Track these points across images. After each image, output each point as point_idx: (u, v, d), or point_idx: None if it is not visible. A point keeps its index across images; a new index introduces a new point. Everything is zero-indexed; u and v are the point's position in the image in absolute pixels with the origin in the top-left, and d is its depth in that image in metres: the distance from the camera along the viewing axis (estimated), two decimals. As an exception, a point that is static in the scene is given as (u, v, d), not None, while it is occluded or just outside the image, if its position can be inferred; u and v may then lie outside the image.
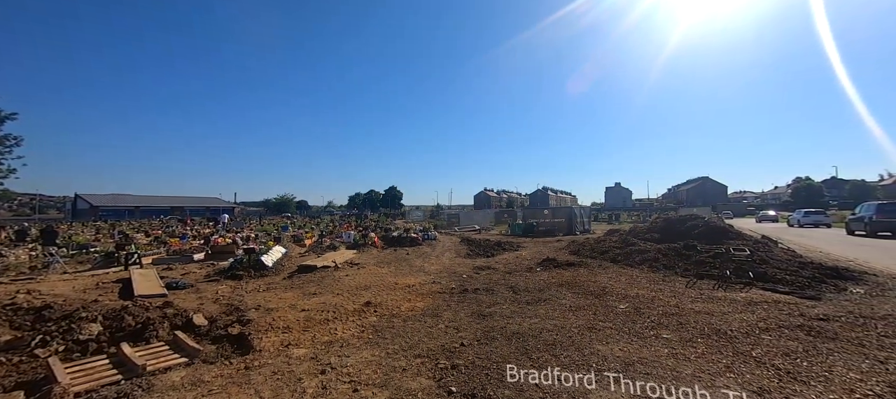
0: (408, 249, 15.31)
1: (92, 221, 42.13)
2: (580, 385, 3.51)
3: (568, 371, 3.77)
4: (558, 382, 3.56)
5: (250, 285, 8.92)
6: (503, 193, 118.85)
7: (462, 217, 39.24)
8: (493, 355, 4.29)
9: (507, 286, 8.03)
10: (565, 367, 3.89)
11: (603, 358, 4.08)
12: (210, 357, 4.68)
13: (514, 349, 4.45)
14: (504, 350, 4.45)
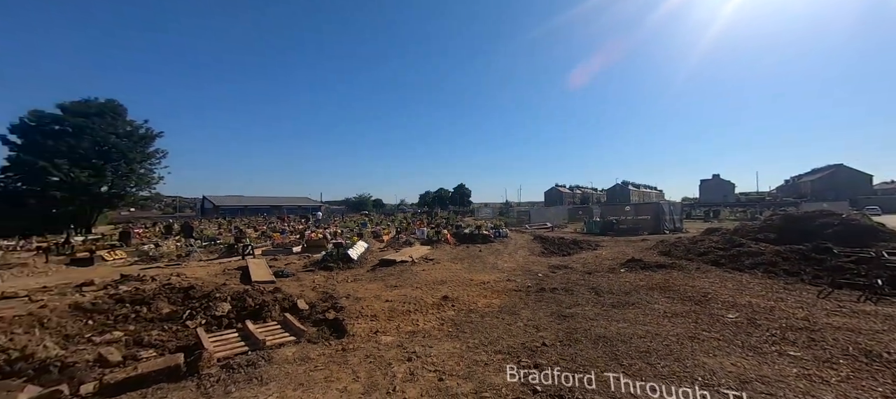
0: (480, 246, 15.39)
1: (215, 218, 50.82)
2: (685, 398, 3.18)
3: (668, 383, 3.44)
4: (658, 393, 3.27)
5: (340, 276, 9.86)
6: (576, 189, 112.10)
7: (533, 214, 38.07)
8: (578, 357, 4.12)
9: (588, 287, 7.59)
10: (664, 377, 3.55)
11: (711, 372, 3.63)
12: (313, 337, 5.30)
13: (602, 353, 4.20)
14: (590, 353, 4.23)
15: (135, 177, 34.60)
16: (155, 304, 6.84)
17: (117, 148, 32.68)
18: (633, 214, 23.82)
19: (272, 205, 70.49)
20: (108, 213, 39.07)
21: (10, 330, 5.22)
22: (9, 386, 3.77)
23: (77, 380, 3.96)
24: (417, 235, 18.15)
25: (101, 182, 31.79)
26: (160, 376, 3.95)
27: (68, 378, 3.98)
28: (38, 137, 30.30)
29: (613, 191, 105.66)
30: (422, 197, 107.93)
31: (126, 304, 6.78)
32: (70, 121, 31.09)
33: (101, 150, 31.95)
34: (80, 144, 30.57)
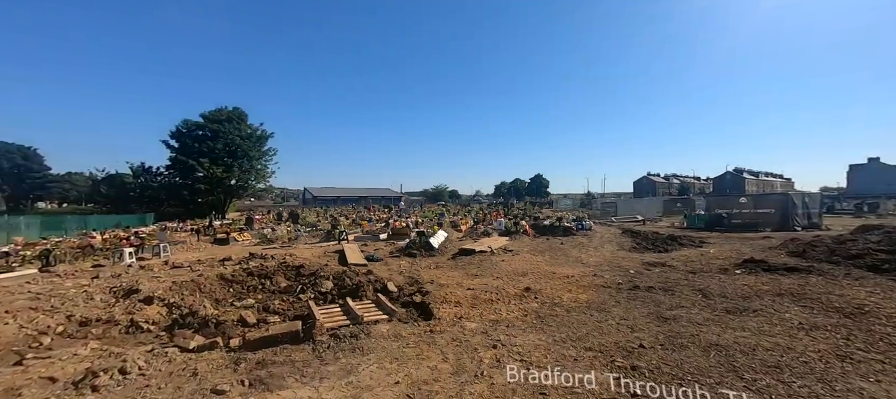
0: (561, 239, 14.72)
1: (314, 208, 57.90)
2: (832, 427, 2.64)
3: (807, 405, 2.89)
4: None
5: (423, 263, 10.40)
6: (673, 178, 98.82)
7: (620, 206, 34.88)
8: (684, 364, 3.70)
9: (693, 288, 6.73)
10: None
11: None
12: (403, 318, 5.70)
13: (715, 363, 3.71)
14: (700, 362, 3.76)
15: (254, 172, 41.16)
16: (275, 278, 8.10)
17: (242, 148, 39.19)
18: (751, 207, 20.18)
19: (359, 195, 77.15)
20: (236, 202, 47.16)
21: (182, 292, 6.71)
22: (184, 334, 4.87)
23: (227, 335, 4.92)
24: (495, 226, 18.11)
25: (231, 176, 38.54)
26: (285, 338, 4.69)
27: (221, 333, 4.98)
28: (187, 141, 37.98)
29: (722, 180, 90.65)
30: (497, 187, 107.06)
31: (255, 277, 8.15)
32: (209, 127, 38.20)
33: (229, 150, 38.65)
34: (215, 146, 37.44)
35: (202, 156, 36.54)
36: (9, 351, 4.69)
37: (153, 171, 40.11)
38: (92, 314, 5.77)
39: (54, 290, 7.14)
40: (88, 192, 48.64)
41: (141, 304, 6.15)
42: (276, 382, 3.65)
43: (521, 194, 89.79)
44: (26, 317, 5.58)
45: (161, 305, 6.10)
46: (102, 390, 3.52)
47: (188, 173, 37.28)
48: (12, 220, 20.53)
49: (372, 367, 3.99)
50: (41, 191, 56.34)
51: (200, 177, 36.86)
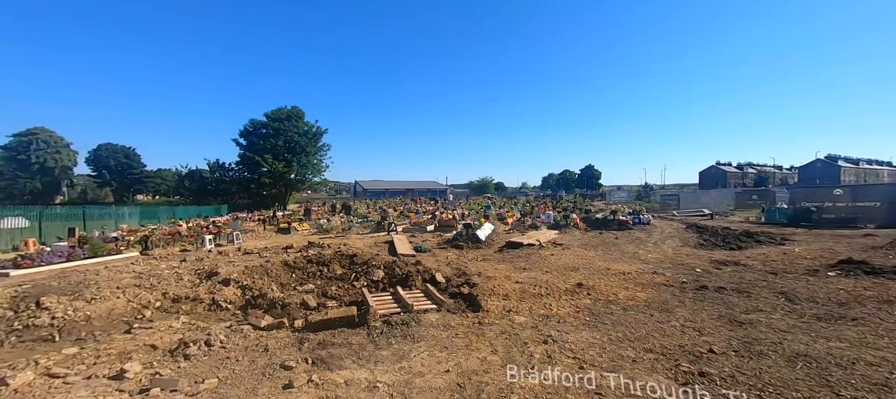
0: (615, 233, 13.91)
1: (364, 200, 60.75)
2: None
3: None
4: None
5: (469, 255, 10.44)
6: (748, 168, 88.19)
7: (683, 198, 32.09)
8: (764, 375, 3.33)
9: (775, 291, 6.00)
10: (920, 424, 2.55)
11: None
12: (451, 308, 5.78)
13: (803, 375, 3.29)
14: (784, 373, 3.36)
15: (311, 166, 44.05)
16: (332, 266, 8.62)
17: (299, 144, 42.07)
18: (848, 200, 17.48)
19: (406, 188, 79.24)
20: (295, 194, 50.86)
21: (253, 275, 7.42)
22: (257, 314, 5.39)
23: (292, 316, 5.36)
24: (543, 219, 17.60)
25: (291, 171, 41.60)
26: (342, 322, 5.00)
27: (287, 314, 5.43)
28: (254, 139, 41.60)
29: (811, 169, 79.13)
30: (544, 180, 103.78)
31: (313, 265, 8.75)
32: (271, 125, 41.47)
33: (289, 146, 41.67)
34: (277, 143, 40.59)
35: (266, 152, 39.87)
36: (120, 320, 5.54)
37: (226, 166, 44.57)
38: (181, 292, 6.60)
39: (152, 270, 8.28)
40: (175, 185, 55.52)
41: (220, 285, 6.90)
42: (336, 362, 3.91)
43: (571, 186, 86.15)
44: (132, 293, 6.53)
45: (236, 287, 6.80)
46: (193, 359, 4.02)
47: (254, 168, 40.92)
48: (119, 210, 24.05)
49: (423, 354, 4.10)
50: (139, 185, 65.33)
51: (264, 171, 40.29)
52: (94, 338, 4.87)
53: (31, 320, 5.30)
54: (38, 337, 4.91)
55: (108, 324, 5.39)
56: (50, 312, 5.48)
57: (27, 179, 44.86)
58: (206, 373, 3.71)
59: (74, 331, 5.12)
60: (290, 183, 43.24)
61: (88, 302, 5.93)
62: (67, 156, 51.37)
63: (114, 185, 60.44)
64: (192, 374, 3.69)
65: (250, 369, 3.79)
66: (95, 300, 5.99)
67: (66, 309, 5.65)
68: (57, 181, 51.52)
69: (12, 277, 7.93)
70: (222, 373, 3.71)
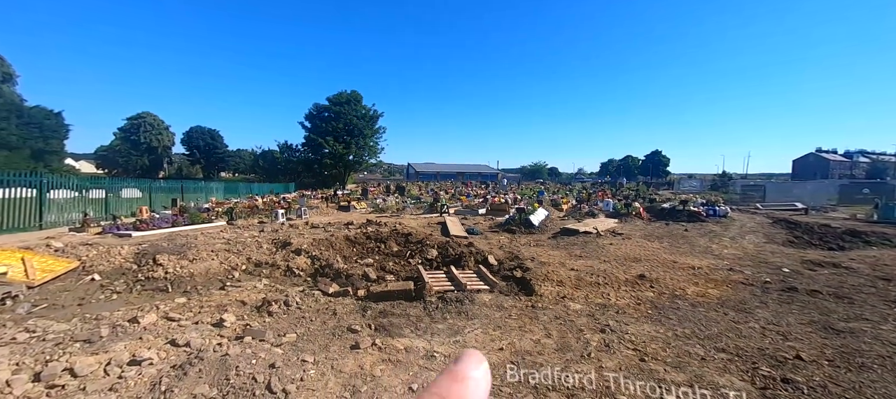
0: (685, 225, 12.77)
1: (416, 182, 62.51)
2: None
3: None
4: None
5: (522, 239, 10.33)
6: (859, 156, 74.22)
7: (770, 189, 28.24)
8: (864, 389, 2.94)
9: (886, 299, 5.15)
10: None
11: None
12: (504, 290, 5.84)
13: (919, 395, 2.84)
14: (891, 390, 2.93)
15: (367, 149, 46.11)
16: (388, 243, 9.10)
17: (357, 127, 44.11)
18: None
19: (457, 171, 79.68)
20: (353, 175, 53.79)
21: (319, 247, 8.12)
22: (325, 282, 5.94)
23: (355, 286, 5.82)
24: (601, 207, 16.70)
25: (349, 153, 43.93)
26: (399, 295, 5.32)
27: (350, 284, 5.90)
28: (317, 122, 44.44)
29: (947, 158, 64.38)
30: (603, 165, 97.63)
31: (372, 241, 9.31)
32: (332, 109, 43.91)
33: (348, 129, 43.90)
34: (338, 126, 42.96)
35: (328, 134, 42.49)
36: (215, 279, 6.44)
37: (293, 147, 48.41)
38: (262, 258, 7.46)
39: (237, 238, 9.43)
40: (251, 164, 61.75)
41: (292, 254, 7.67)
42: (396, 330, 4.20)
43: (634, 173, 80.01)
44: (223, 256, 7.53)
45: (306, 257, 7.51)
46: (275, 315, 4.58)
47: (317, 150, 43.92)
48: (207, 185, 27.49)
49: (476, 331, 4.24)
50: (222, 163, 73.76)
51: (326, 153, 43.06)
52: (197, 291, 5.74)
53: (151, 273, 6.39)
54: (155, 287, 5.92)
55: (206, 280, 6.30)
56: (163, 268, 6.56)
57: (137, 157, 52.81)
58: (286, 328, 4.21)
59: (182, 284, 6.08)
60: (349, 164, 45.75)
61: (191, 261, 6.97)
62: (167, 137, 59.43)
63: (202, 163, 68.86)
64: (275, 327, 4.21)
65: (322, 329, 4.23)
66: (196, 261, 7.02)
67: (175, 266, 6.71)
68: (159, 159, 60.04)
69: (134, 238, 9.53)
70: (299, 330, 4.18)
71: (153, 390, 2.89)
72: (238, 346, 3.63)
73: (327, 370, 3.32)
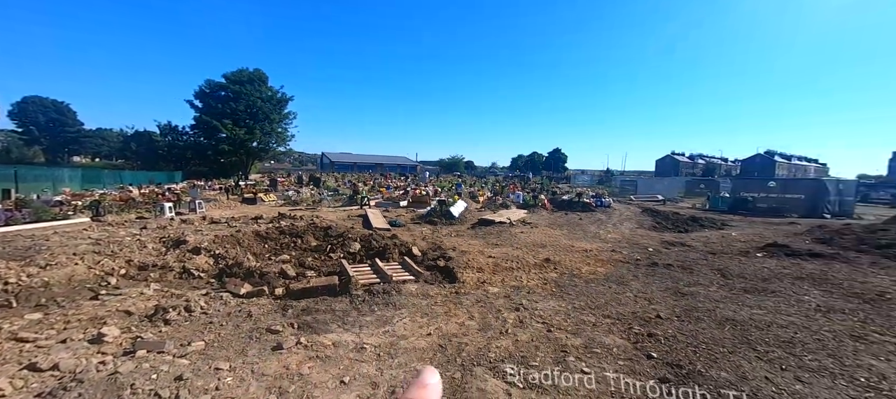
0: (580, 214, 14.79)
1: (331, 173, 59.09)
2: (838, 395, 2.85)
3: (817, 375, 3.10)
4: (799, 383, 3.00)
5: (444, 230, 10.75)
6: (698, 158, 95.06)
7: (640, 184, 34.27)
8: (699, 335, 3.93)
9: (712, 268, 6.84)
10: (813, 371, 3.20)
11: (880, 375, 3.12)
12: (429, 280, 6.07)
13: (729, 335, 3.92)
14: (714, 333, 3.98)
15: (275, 134, 41.84)
16: (306, 237, 8.58)
17: (262, 110, 39.68)
18: (779, 191, 19.59)
19: (375, 162, 77.80)
20: (257, 164, 48.38)
21: (224, 245, 7.25)
22: (235, 282, 5.37)
23: (271, 285, 5.40)
24: (513, 199, 18.24)
25: (253, 138, 39.30)
26: (323, 290, 5.13)
27: (266, 283, 5.45)
28: (211, 102, 38.67)
29: (751, 162, 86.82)
30: (513, 160, 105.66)
31: (287, 236, 8.65)
32: (231, 88, 38.63)
33: (251, 112, 39.20)
34: (237, 107, 38.02)
35: (225, 117, 37.30)
36: (83, 287, 5.30)
37: (179, 130, 41.31)
38: (148, 260, 6.36)
39: (111, 237, 7.82)
40: (119, 148, 50.74)
41: (190, 253, 6.71)
42: (322, 327, 4.08)
43: (538, 168, 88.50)
44: (92, 260, 6.20)
45: (208, 256, 6.65)
46: (174, 324, 4.02)
47: (212, 134, 38.27)
48: (56, 172, 21.86)
49: (405, 320, 4.37)
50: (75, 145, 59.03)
51: (223, 138, 37.80)
52: (57, 304, 4.66)
53: (-21, 286, 4.95)
54: (-11, 303, 4.62)
55: (70, 290, 5.14)
56: (0, 278, 5.13)
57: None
58: (191, 336, 3.75)
59: (33, 297, 4.85)
60: (252, 151, 40.98)
61: (43, 268, 5.60)
62: (-15, 107, 45.06)
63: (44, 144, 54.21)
64: (176, 337, 3.71)
65: (236, 333, 3.88)
66: (51, 267, 5.67)
67: (19, 275, 5.31)
68: (-29, 136, 45.36)
69: (-58, 241, 7.19)
70: (208, 336, 3.76)
71: (11, 427, 2.34)
72: (130, 362, 3.12)
73: (247, 375, 3.09)
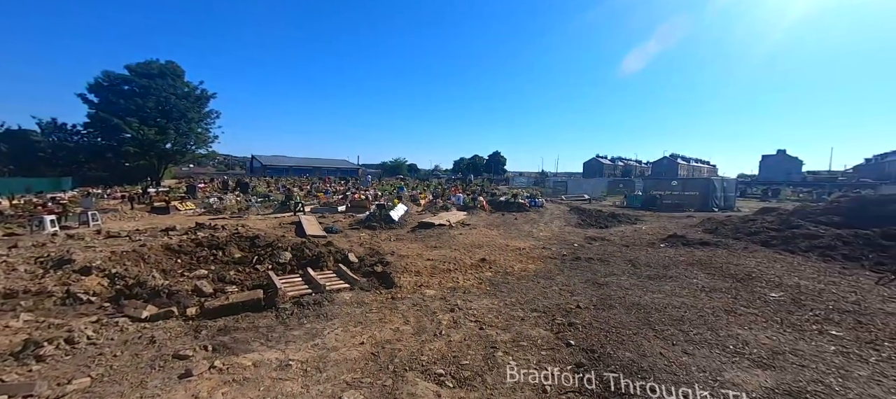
0: (515, 215, 15.58)
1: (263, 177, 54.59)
2: (713, 363, 3.37)
3: (698, 347, 3.64)
4: (686, 355, 3.49)
5: (383, 235, 10.57)
6: (618, 161, 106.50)
7: (570, 185, 37.19)
8: (611, 320, 4.38)
9: (625, 259, 7.67)
10: (696, 343, 3.74)
11: (743, 342, 3.76)
12: (364, 287, 5.92)
13: (635, 318, 4.43)
14: (623, 317, 4.47)
15: (194, 135, 37.50)
16: (228, 249, 7.84)
17: (178, 108, 35.31)
18: (680, 190, 22.65)
19: (313, 166, 73.79)
20: (172, 168, 42.93)
21: (123, 262, 6.32)
22: (135, 304, 4.70)
23: (182, 304, 4.83)
24: (453, 201, 18.59)
25: (165, 139, 34.79)
26: (246, 306, 4.72)
27: (176, 303, 4.86)
28: (111, 96, 33.43)
29: (660, 164, 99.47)
30: (456, 163, 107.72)
31: (205, 248, 7.82)
32: (137, 81, 33.85)
33: (163, 110, 34.69)
34: (146, 104, 33.38)
35: (129, 114, 32.47)
36: (-82, 325, 4.23)
37: (68, 129, 35.06)
38: (17, 286, 5.30)
39: (-38, 260, 6.35)
40: (-18, 149, 41.39)
41: (76, 274, 5.72)
42: (242, 346, 3.75)
43: (480, 170, 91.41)
44: (-67, 289, 4.98)
45: (101, 276, 5.73)
46: (49, 360, 3.39)
47: (113, 134, 33.06)
48: None
49: (337, 330, 4.21)
50: (-85, 146, 46.83)
51: (128, 138, 32.89)
52: None
53: None
54: None
55: None
56: None
57: None
58: (73, 373, 3.19)
59: None
60: (165, 154, 36.28)
61: None
62: None
63: None
64: (51, 376, 3.13)
65: (134, 363, 3.40)
66: None
67: None
68: None
69: None
70: (95, 371, 3.24)
71: None
72: (-18, 413, 2.56)
73: (145, 410, 2.72)
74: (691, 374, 3.18)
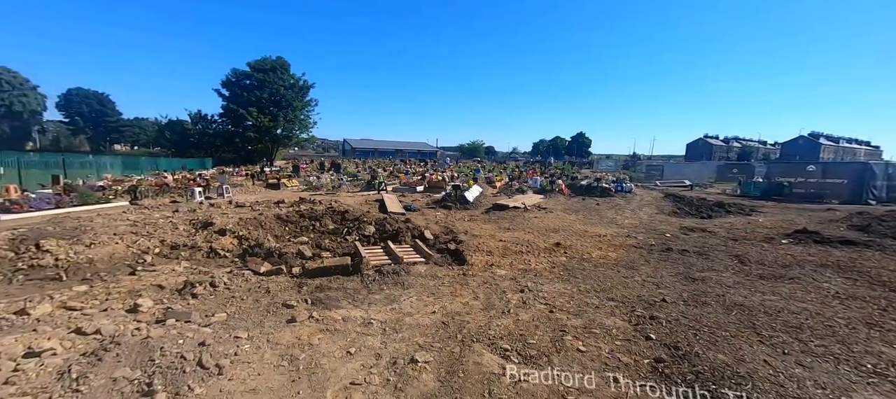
0: (598, 200, 14.51)
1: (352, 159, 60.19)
2: (838, 380, 2.80)
3: (820, 360, 3.05)
4: (800, 367, 2.96)
5: (457, 215, 10.88)
6: (734, 141, 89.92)
7: (667, 169, 32.95)
8: (703, 318, 3.90)
9: (730, 254, 6.64)
10: (816, 356, 3.14)
11: (889, 362, 3.03)
12: (438, 262, 6.24)
13: (735, 320, 3.87)
14: (719, 317, 3.94)
15: (298, 121, 42.90)
16: (324, 221, 8.94)
17: (285, 98, 40.65)
18: (818, 176, 18.36)
19: (396, 148, 78.44)
20: (281, 150, 49.84)
21: (247, 227, 7.69)
22: (256, 261, 5.74)
23: (289, 264, 5.73)
24: (530, 184, 18.07)
25: (277, 126, 40.48)
26: (336, 270, 5.40)
27: (284, 262, 5.80)
28: (237, 90, 39.96)
29: (793, 145, 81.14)
30: (535, 145, 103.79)
31: (306, 219, 9.04)
32: (255, 76, 39.72)
33: (274, 100, 40.25)
34: (262, 95, 39.13)
35: (250, 105, 38.49)
36: (122, 264, 5.82)
37: (209, 118, 43.04)
38: (179, 240, 6.86)
39: (146, 219, 8.44)
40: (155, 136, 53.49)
41: (216, 235, 7.17)
42: (333, 303, 4.33)
43: (561, 153, 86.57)
44: (130, 239, 6.75)
45: (232, 237, 7.09)
46: (200, 297, 4.39)
47: (239, 121, 39.66)
48: (99, 160, 23.43)
49: (412, 298, 4.56)
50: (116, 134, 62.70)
51: (249, 125, 39.13)
52: (100, 278, 5.16)
53: (35, 261, 5.53)
54: (45, 276, 5.17)
55: (111, 266, 5.66)
56: (53, 254, 5.71)
57: (-7, 123, 42.61)
58: (215, 309, 4.09)
59: (79, 271, 5.39)
60: (277, 138, 42.25)
61: (88, 246, 6.15)
62: (35, 99, 48.51)
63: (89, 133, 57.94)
64: (201, 309, 4.06)
65: (255, 306, 4.19)
66: (95, 245, 6.22)
67: (68, 252, 5.88)
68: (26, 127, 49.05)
69: (3, 221, 7.99)
70: (230, 309, 4.09)
71: (62, 378, 2.70)
72: (160, 329, 3.47)
73: (263, 344, 3.37)
74: (805, 388, 2.70)
